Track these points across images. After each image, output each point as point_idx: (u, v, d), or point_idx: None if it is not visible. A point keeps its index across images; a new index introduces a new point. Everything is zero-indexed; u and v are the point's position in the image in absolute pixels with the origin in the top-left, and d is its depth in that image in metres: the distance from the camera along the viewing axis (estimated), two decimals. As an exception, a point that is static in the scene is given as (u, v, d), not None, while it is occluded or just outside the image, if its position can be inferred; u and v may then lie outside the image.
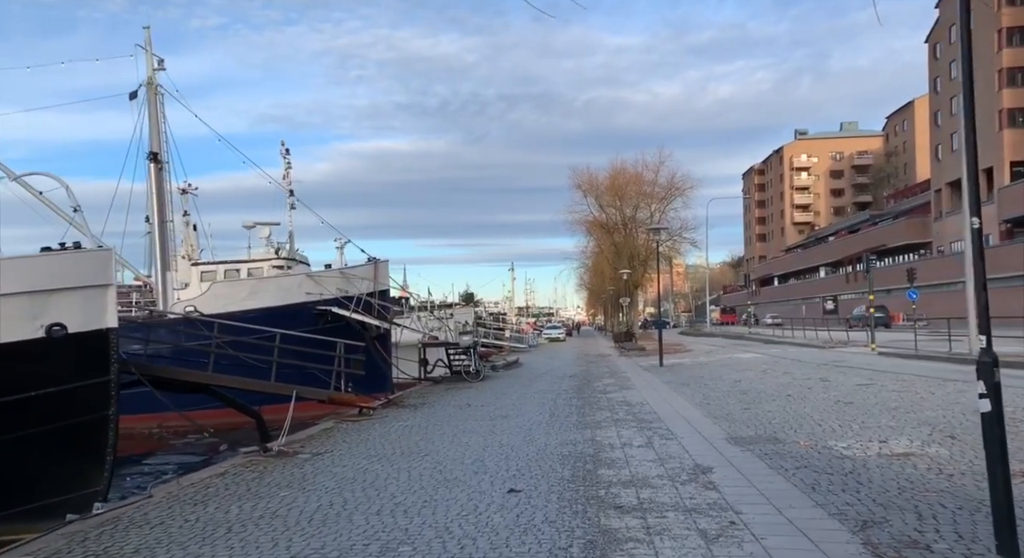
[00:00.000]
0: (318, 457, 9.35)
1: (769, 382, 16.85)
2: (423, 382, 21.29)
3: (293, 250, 33.32)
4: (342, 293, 22.01)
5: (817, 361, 22.20)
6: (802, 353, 26.79)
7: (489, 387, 19.09)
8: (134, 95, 22.31)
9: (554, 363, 29.65)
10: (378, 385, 21.85)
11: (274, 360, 13.35)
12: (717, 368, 21.97)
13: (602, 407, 13.73)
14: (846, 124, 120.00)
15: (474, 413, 13.47)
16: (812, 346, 30.45)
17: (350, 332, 22.05)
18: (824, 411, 11.76)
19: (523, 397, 16.06)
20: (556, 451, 9.13)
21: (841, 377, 16.86)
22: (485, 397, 16.43)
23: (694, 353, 31.18)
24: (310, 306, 21.51)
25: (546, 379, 21.14)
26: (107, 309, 9.96)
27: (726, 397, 14.41)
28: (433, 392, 18.29)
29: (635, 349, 36.05)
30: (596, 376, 21.53)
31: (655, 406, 13.60)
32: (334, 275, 22.62)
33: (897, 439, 9.13)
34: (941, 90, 61.62)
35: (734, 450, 8.90)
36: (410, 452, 9.44)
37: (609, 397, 15.55)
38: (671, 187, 58.19)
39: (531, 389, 18.01)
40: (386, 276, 23.51)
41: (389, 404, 15.31)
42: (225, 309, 20.52)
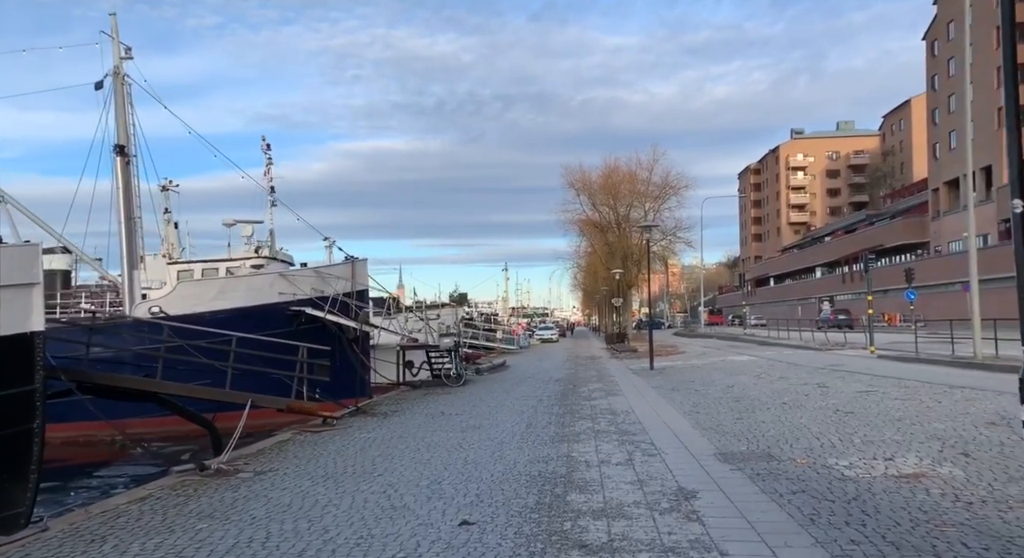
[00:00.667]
0: (260, 477, 8.37)
1: (763, 388, 15.92)
2: (401, 387, 20.32)
3: (274, 249, 32.33)
4: (317, 293, 21.02)
5: (814, 365, 21.28)
6: (798, 356, 25.88)
7: (469, 392, 18.13)
8: (100, 85, 21.28)
9: (542, 365, 28.71)
10: (355, 390, 20.89)
11: (229, 365, 12.36)
12: (709, 372, 21.05)
13: (584, 416, 12.77)
14: (842, 123, 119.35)
15: (445, 423, 12.50)
16: (809, 348, 29.55)
17: (325, 334, 21.08)
18: (823, 422, 10.81)
19: (502, 404, 15.10)
20: (525, 470, 8.17)
21: (840, 383, 15.94)
22: (461, 404, 15.47)
23: (687, 355, 30.26)
24: (283, 307, 20.52)
25: (530, 383, 20.19)
26: (32, 311, 8.94)
27: (717, 405, 13.47)
28: (408, 398, 17.33)
29: (627, 351, 35.13)
30: (583, 380, 20.59)
31: (641, 415, 12.65)
32: (308, 274, 21.63)
33: (904, 456, 8.19)
34: (939, 87, 60.83)
35: (723, 469, 7.95)
36: (363, 471, 8.46)
37: (593, 404, 14.60)
38: (665, 186, 57.27)
39: (512, 395, 17.05)
40: (364, 275, 22.52)
41: (358, 412, 14.34)
42: (193, 309, 19.54)
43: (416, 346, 21.24)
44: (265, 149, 34.24)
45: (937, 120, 61.43)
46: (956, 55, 57.28)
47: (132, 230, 21.57)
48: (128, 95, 21.70)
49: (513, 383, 20.57)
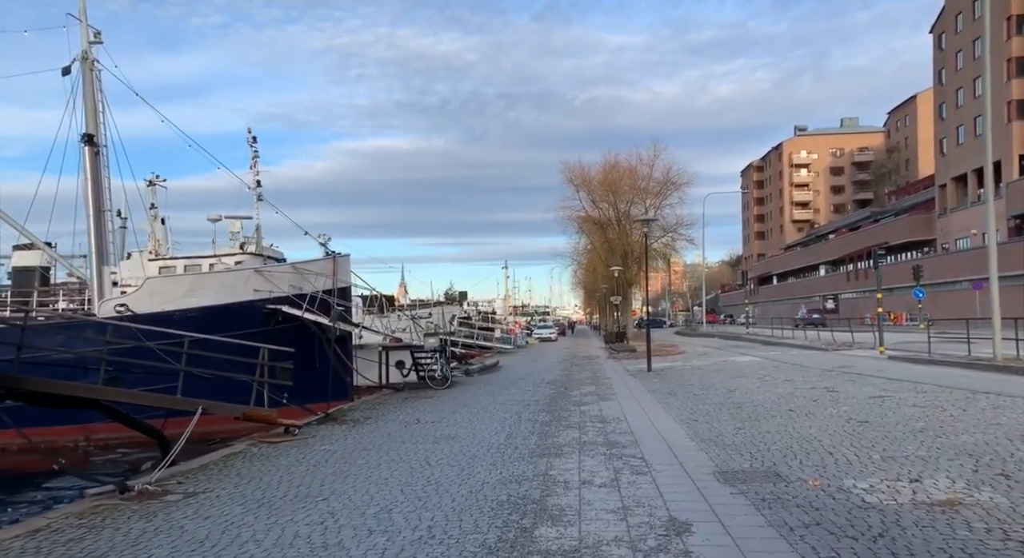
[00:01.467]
0: (187, 501, 7.25)
1: (768, 392, 14.77)
2: (384, 390, 19.22)
3: (261, 245, 31.23)
4: (296, 290, 19.89)
5: (821, 366, 20.12)
6: (804, 356, 24.70)
7: (453, 396, 17.00)
8: (67, 71, 20.17)
9: (536, 366, 27.57)
10: (335, 392, 19.79)
11: (182, 368, 11.23)
12: (710, 374, 19.90)
13: (571, 425, 11.64)
14: (846, 120, 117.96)
15: (418, 433, 11.37)
16: (814, 348, 28.36)
17: (305, 334, 19.97)
18: (835, 433, 9.67)
19: (485, 410, 13.97)
20: (493, 494, 7.04)
21: (850, 387, 14.78)
22: (441, 410, 14.34)
23: (687, 355, 29.10)
24: (259, 305, 19.40)
25: (520, 386, 19.07)
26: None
27: (718, 411, 12.33)
28: (387, 403, 16.21)
29: (626, 351, 33.98)
30: (576, 383, 19.45)
31: (633, 423, 11.52)
32: (286, 270, 20.50)
33: (933, 477, 7.05)
34: (946, 81, 59.52)
35: (723, 492, 6.82)
36: (307, 494, 7.34)
37: (584, 410, 13.46)
38: (666, 182, 56.05)
39: (498, 399, 15.92)
40: (347, 272, 21.38)
41: (327, 419, 13.21)
42: (162, 307, 18.44)
43: (399, 346, 20.11)
44: (251, 142, 33.18)
45: (944, 115, 60.12)
46: (964, 48, 56.05)
47: (102, 224, 20.46)
48: (98, 81, 20.58)
49: (502, 386, 19.45)
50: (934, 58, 62.01)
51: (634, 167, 56.74)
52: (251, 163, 33.28)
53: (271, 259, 28.77)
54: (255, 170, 33.38)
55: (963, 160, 56.13)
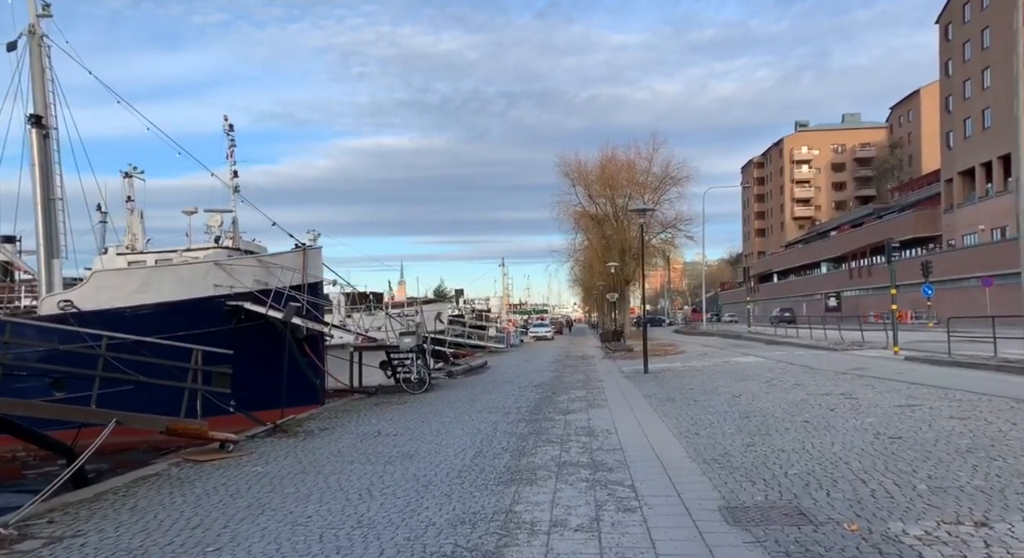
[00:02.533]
0: (39, 553, 5.62)
1: (777, 398, 13.16)
2: (355, 394, 17.62)
3: (238, 239, 29.58)
4: (260, 285, 18.29)
5: (833, 368, 18.51)
6: (812, 357, 23.08)
7: (428, 402, 15.38)
8: (12, 46, 18.53)
9: (526, 367, 25.95)
10: (303, 397, 18.20)
11: (97, 374, 9.60)
12: (712, 376, 18.29)
13: (552, 439, 10.02)
14: (848, 116, 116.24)
15: (373, 449, 9.75)
16: (822, 348, 26.75)
17: (270, 333, 18.37)
18: (864, 452, 8.06)
19: (458, 420, 12.35)
20: (435, 544, 5.42)
21: (870, 393, 13.16)
22: (409, 419, 12.73)
23: (686, 356, 27.48)
24: (219, 301, 17.79)
25: (505, 390, 17.45)
26: None
27: (722, 423, 10.72)
28: (352, 410, 14.59)
29: (622, 350, 32.37)
30: (566, 386, 17.83)
31: (624, 437, 9.91)
32: (250, 263, 18.88)
33: (1006, 519, 5.44)
34: (953, 73, 57.87)
35: (734, 541, 5.21)
36: (197, 542, 5.72)
37: (569, 420, 11.85)
38: (665, 176, 54.42)
39: (477, 406, 14.30)
40: (318, 266, 19.78)
41: (276, 431, 11.58)
42: (110, 304, 16.83)
43: (373, 347, 18.49)
44: (228, 130, 31.55)
45: (951, 107, 58.48)
46: (972, 38, 54.41)
47: (51, 214, 18.83)
48: (47, 58, 18.94)
49: (484, 389, 17.83)
50: (940, 49, 60.36)
51: (632, 161, 55.17)
52: (227, 153, 31.68)
53: (250, 254, 27.18)
54: (231, 160, 31.79)
55: (971, 154, 54.52)
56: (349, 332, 18.67)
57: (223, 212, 32.94)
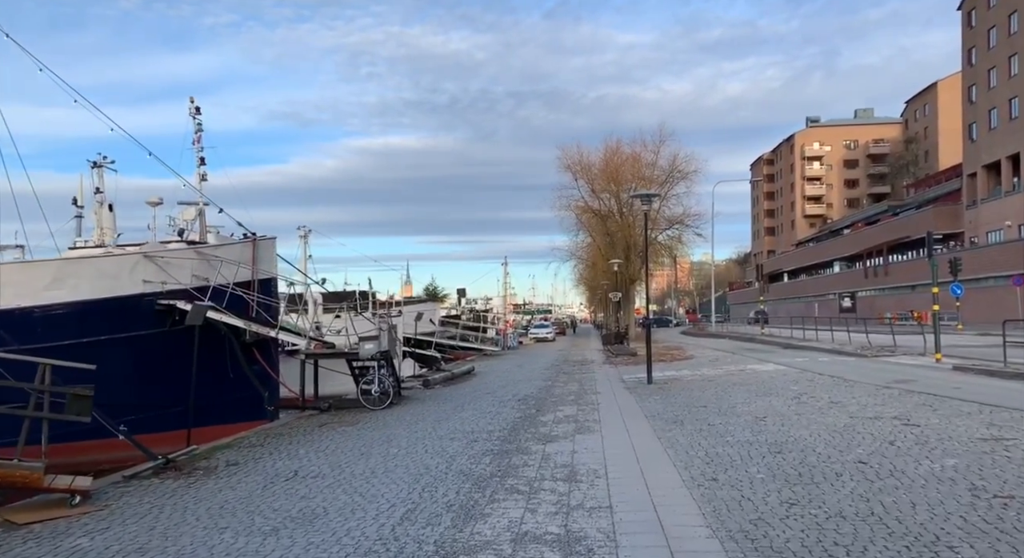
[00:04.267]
0: None
1: (813, 423, 10.48)
2: (306, 410, 15.02)
3: (204, 232, 27.05)
4: (200, 281, 15.72)
5: (869, 379, 15.80)
6: (840, 365, 20.34)
7: (383, 424, 12.74)
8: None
9: (517, 374, 23.29)
10: (247, 412, 15.64)
11: None
12: (727, 389, 15.60)
13: (519, 487, 7.38)
14: (861, 111, 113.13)
15: (269, 504, 7.13)
16: (847, 354, 23.99)
17: (212, 337, 15.80)
18: (969, 524, 5.39)
19: (407, 452, 9.72)
20: None
21: (933, 416, 10.46)
22: (348, 450, 10.09)
23: (695, 361, 24.76)
24: (149, 299, 15.23)
25: (482, 405, 14.80)
26: None
27: (747, 461, 8.06)
28: (285, 434, 11.96)
29: (625, 354, 29.67)
30: (555, 400, 15.17)
31: (617, 485, 7.27)
32: (187, 256, 16.29)
33: None
34: (977, 61, 54.90)
35: None
36: None
37: (549, 453, 9.21)
38: (672, 170, 51.66)
39: (440, 429, 11.66)
40: (272, 260, 17.21)
41: (167, 467, 8.95)
42: (15, 303, 14.26)
43: (329, 353, 15.86)
44: (194, 112, 29.02)
45: (974, 98, 55.52)
46: (998, 24, 51.50)
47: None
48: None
49: (460, 404, 15.19)
50: (963, 37, 57.39)
51: (637, 154, 52.40)
52: (194, 139, 29.14)
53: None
54: (199, 146, 29.26)
55: (996, 146, 51.58)
56: (301, 336, 16.07)
57: (193, 204, 30.52)
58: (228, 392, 15.70)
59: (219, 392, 15.62)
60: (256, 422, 15.15)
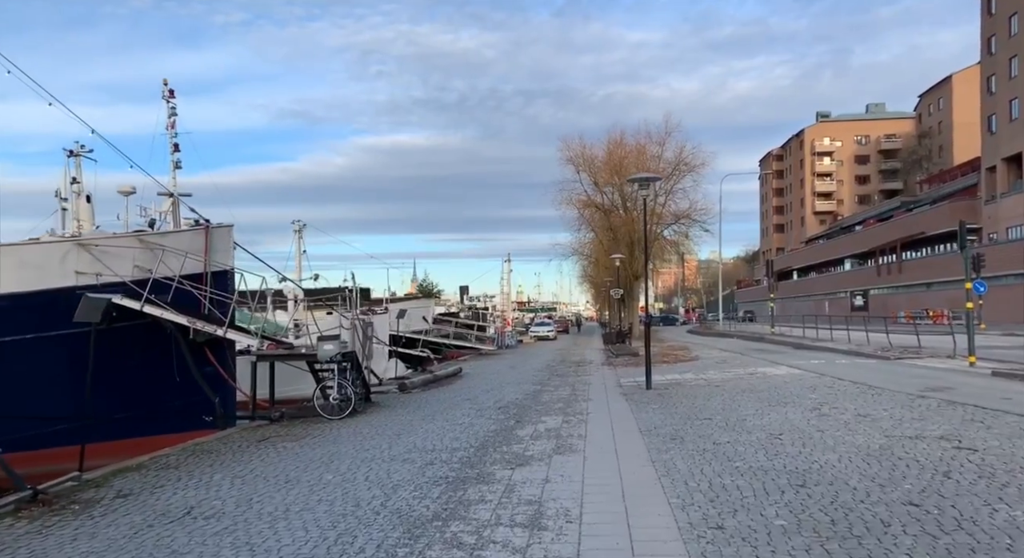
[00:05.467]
0: None
1: (840, 442, 8.66)
2: (255, 421, 13.26)
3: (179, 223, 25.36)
4: (143, 273, 13.98)
5: (898, 386, 13.94)
6: (861, 369, 18.46)
7: (331, 439, 10.96)
8: None
9: (506, 376, 21.49)
10: (194, 419, 13.91)
11: None
12: (735, 397, 13.77)
13: (463, 540, 5.58)
14: (872, 106, 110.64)
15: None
16: (866, 355, 22.10)
17: (157, 337, 14.08)
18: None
19: (344, 480, 7.94)
20: None
21: (988, 437, 8.61)
22: (271, 477, 8.31)
23: (701, 363, 22.90)
24: (83, 293, 13.49)
25: (456, 414, 13.00)
26: None
27: (762, 500, 6.26)
28: (212, 452, 10.18)
29: (626, 354, 27.82)
30: (540, 408, 13.37)
31: (592, 531, 5.49)
32: (129, 245, 14.53)
33: None
34: (997, 50, 52.71)
35: None
36: None
37: (516, 483, 7.42)
38: (679, 162, 49.72)
39: (397, 447, 9.87)
40: (228, 251, 15.42)
41: (35, 500, 7.17)
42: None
43: (282, 355, 14.06)
44: (168, 96, 27.33)
45: (994, 88, 53.33)
46: (1020, 11, 49.31)
47: None
48: None
49: (431, 412, 13.40)
50: (982, 25, 55.17)
51: (642, 146, 50.46)
52: (167, 124, 27.46)
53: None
54: (172, 131, 27.58)
55: (1017, 137, 49.45)
56: (250, 336, 14.27)
57: (167, 196, 28.88)
58: (173, 398, 13.97)
59: (162, 398, 13.91)
60: (205, 431, 13.44)
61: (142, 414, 13.69)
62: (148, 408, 13.66)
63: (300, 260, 42.57)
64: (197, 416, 13.97)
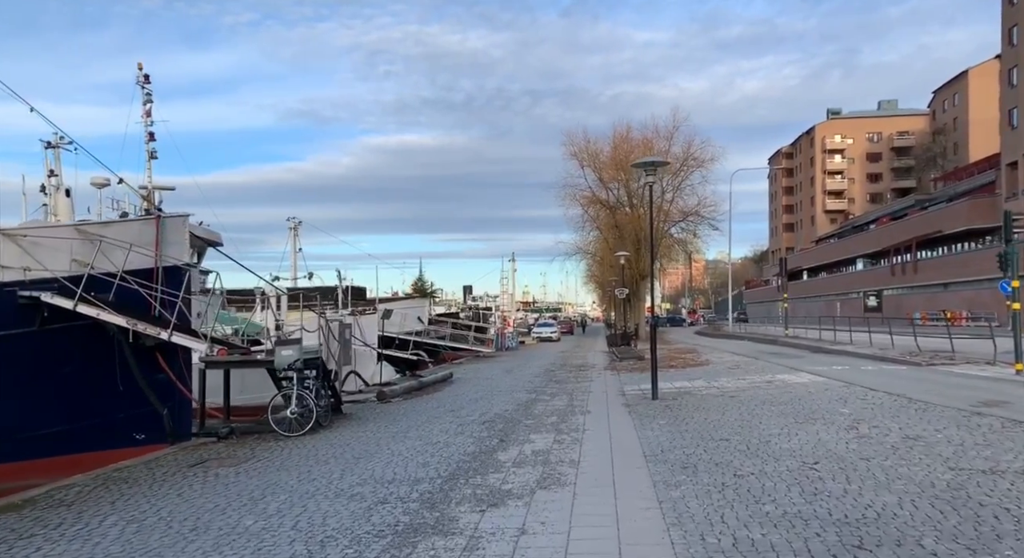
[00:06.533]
0: None
1: (894, 475, 6.93)
2: (200, 438, 11.59)
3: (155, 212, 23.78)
4: (81, 267, 12.32)
5: (944, 399, 12.18)
6: (892, 377, 16.68)
7: (277, 464, 9.27)
8: None
9: (500, 383, 19.78)
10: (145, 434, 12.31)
11: None
12: (755, 410, 12.03)
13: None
14: (885, 103, 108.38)
15: None
16: (893, 360, 20.29)
17: (98, 340, 12.45)
18: None
19: (262, 532, 6.24)
20: None
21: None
22: (177, 522, 6.62)
23: (712, 368, 21.13)
24: (10, 290, 11.86)
25: (434, 430, 11.29)
26: None
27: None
28: (138, 478, 8.49)
29: (631, 358, 26.06)
30: (531, 424, 11.65)
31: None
32: (65, 234, 12.84)
33: None
34: (1018, 41, 50.66)
35: None
36: None
37: (484, 530, 5.74)
38: (687, 157, 47.92)
39: (347, 479, 8.18)
40: (182, 244, 13.71)
41: None
42: None
43: (234, 362, 12.37)
44: (142, 82, 25.76)
45: (1015, 81, 51.29)
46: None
47: None
48: None
49: (405, 427, 11.70)
50: (1003, 14, 53.10)
51: (649, 140, 48.68)
52: (143, 111, 25.89)
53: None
54: (149, 120, 26.01)
55: (1040, 131, 47.43)
56: (201, 340, 12.57)
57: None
58: (113, 410, 12.34)
59: (101, 410, 12.27)
60: (150, 447, 11.82)
61: (79, 428, 12.06)
62: (85, 422, 12.03)
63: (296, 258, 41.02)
64: (138, 430, 12.35)
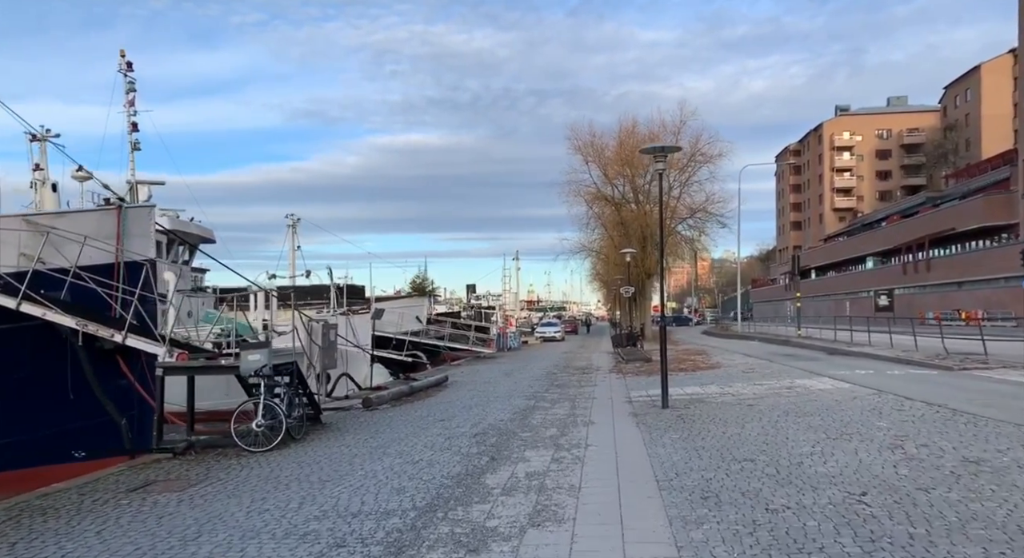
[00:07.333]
0: None
1: (966, 513, 5.65)
2: (154, 451, 10.35)
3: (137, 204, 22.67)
4: (30, 262, 11.11)
5: (988, 410, 10.90)
6: (924, 383, 15.35)
7: (230, 489, 8.03)
8: None
9: (498, 387, 18.51)
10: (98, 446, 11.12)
11: None
12: (777, 422, 10.76)
13: None
14: (894, 99, 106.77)
15: None
16: (918, 363, 18.96)
17: (51, 341, 11.25)
18: None
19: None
20: None
21: None
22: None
23: (725, 371, 19.83)
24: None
25: (414, 445, 10.04)
26: None
27: None
28: (62, 506, 7.24)
29: (637, 360, 24.77)
30: (527, 438, 10.38)
31: None
32: (11, 225, 11.61)
33: None
34: (1037, 32, 49.17)
35: None
36: None
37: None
38: (694, 153, 46.50)
39: (304, 511, 6.93)
40: (146, 238, 12.47)
41: None
42: None
43: (196, 368, 11.13)
44: (124, 70, 24.62)
45: (1032, 73, 49.80)
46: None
47: None
48: None
49: (386, 441, 10.47)
50: (1020, 8, 51.56)
51: (656, 134, 47.10)
52: (125, 101, 24.76)
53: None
54: (132, 109, 24.89)
55: (1059, 126, 45.91)
56: (154, 343, 11.34)
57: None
58: (63, 420, 11.13)
59: (47, 420, 11.06)
60: (106, 461, 10.62)
61: (16, 442, 10.85)
62: (26, 434, 10.82)
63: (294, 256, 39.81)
64: (92, 443, 11.14)
